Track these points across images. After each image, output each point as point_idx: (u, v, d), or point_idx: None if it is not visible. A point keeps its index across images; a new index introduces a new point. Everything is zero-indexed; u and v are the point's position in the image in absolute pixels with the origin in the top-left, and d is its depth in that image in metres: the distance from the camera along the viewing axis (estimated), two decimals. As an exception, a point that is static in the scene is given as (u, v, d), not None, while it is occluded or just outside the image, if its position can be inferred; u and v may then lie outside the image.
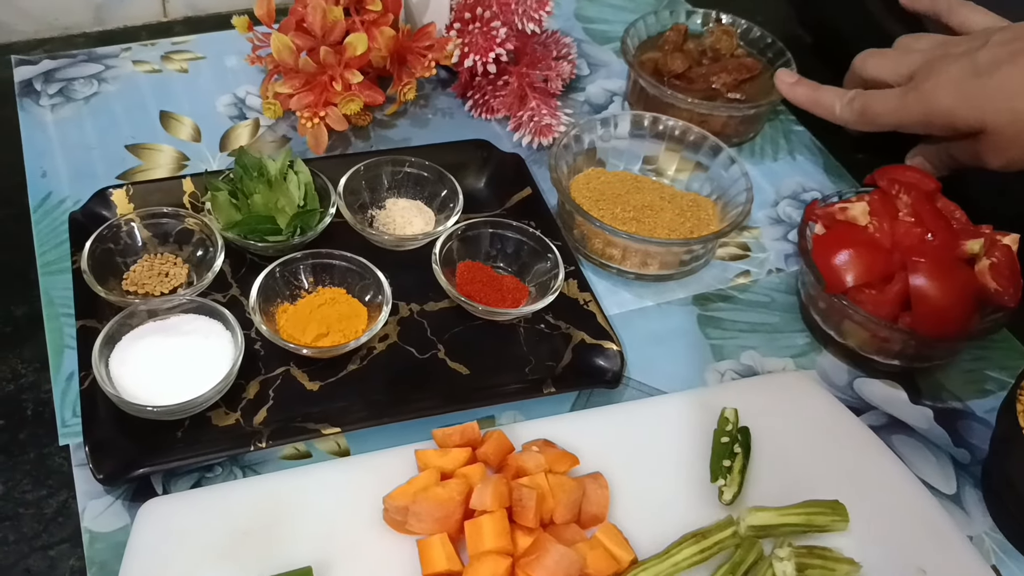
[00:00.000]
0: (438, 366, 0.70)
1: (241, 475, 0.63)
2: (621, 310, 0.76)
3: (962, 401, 0.72)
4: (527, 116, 0.87)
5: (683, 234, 0.77)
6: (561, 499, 0.58)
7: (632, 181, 0.82)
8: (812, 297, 0.74)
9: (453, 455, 0.61)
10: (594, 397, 0.70)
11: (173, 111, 0.88)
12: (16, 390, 0.67)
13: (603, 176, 0.82)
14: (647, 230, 0.76)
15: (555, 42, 0.93)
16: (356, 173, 0.77)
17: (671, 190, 0.82)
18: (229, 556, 0.56)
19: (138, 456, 0.61)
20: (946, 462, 0.68)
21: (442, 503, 0.57)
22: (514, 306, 0.72)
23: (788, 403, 0.68)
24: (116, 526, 0.60)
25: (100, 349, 0.63)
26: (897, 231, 0.70)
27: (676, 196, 0.81)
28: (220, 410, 0.65)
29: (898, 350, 0.70)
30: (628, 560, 0.57)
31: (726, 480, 0.62)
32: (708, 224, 0.78)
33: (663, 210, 0.78)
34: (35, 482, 0.62)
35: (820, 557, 0.57)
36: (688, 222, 0.78)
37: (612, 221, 0.76)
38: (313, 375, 0.68)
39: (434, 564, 0.55)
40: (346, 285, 0.71)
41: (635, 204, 0.79)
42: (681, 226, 0.77)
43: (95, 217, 0.74)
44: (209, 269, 0.70)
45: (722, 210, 0.80)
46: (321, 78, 0.81)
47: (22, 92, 0.89)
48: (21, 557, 0.58)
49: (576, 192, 0.80)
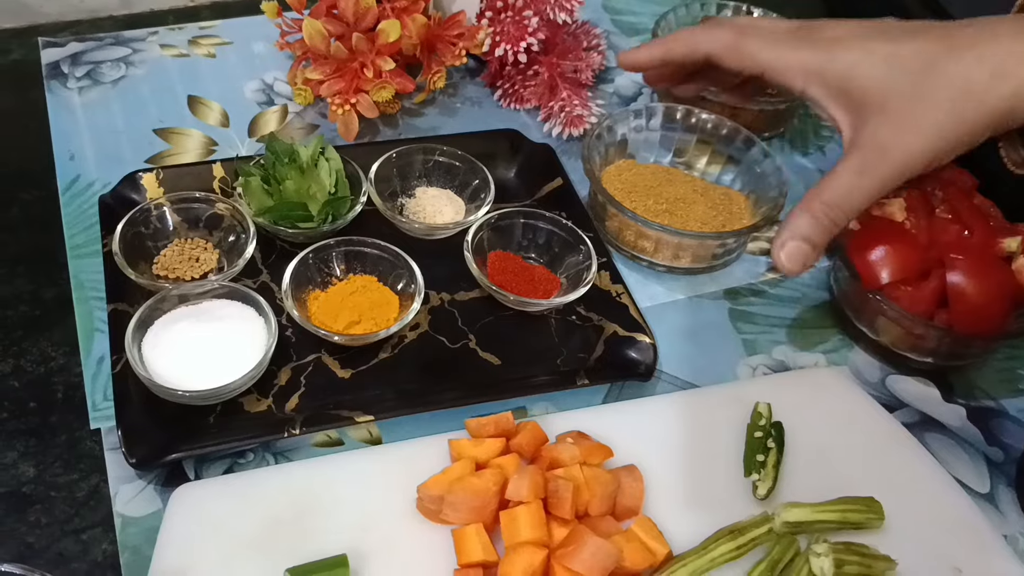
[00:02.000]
0: (469, 356, 0.69)
1: (273, 461, 0.63)
2: (652, 303, 0.75)
3: (995, 400, 0.72)
4: (558, 107, 0.86)
5: (715, 227, 0.77)
6: (596, 491, 0.58)
7: (664, 174, 0.81)
8: (845, 293, 0.74)
9: (487, 445, 0.60)
10: (626, 390, 0.69)
11: (201, 96, 0.88)
12: (46, 373, 0.66)
13: (635, 168, 0.82)
14: (679, 223, 0.76)
15: (585, 33, 0.92)
16: (388, 161, 0.77)
17: (703, 183, 0.82)
18: (263, 544, 0.56)
19: (170, 441, 0.60)
20: (979, 461, 0.68)
21: (478, 493, 0.56)
22: (545, 297, 0.71)
23: (821, 399, 0.68)
24: (148, 511, 0.59)
25: (133, 333, 0.63)
26: (934, 228, 0.70)
27: (708, 189, 0.80)
28: (252, 396, 0.64)
29: (932, 347, 0.70)
30: (663, 554, 0.57)
31: (760, 475, 0.62)
32: (740, 218, 0.78)
33: (695, 203, 0.78)
34: (66, 465, 0.62)
35: (857, 554, 0.57)
36: (720, 215, 0.78)
37: (645, 213, 0.76)
38: (344, 363, 0.67)
39: (470, 554, 0.55)
40: (377, 273, 0.71)
41: (667, 197, 0.78)
42: (713, 219, 0.77)
43: (125, 201, 0.74)
44: (240, 255, 0.70)
45: (754, 204, 0.79)
46: (352, 65, 0.81)
47: (49, 74, 0.88)
48: (53, 540, 0.58)
49: (608, 183, 0.79)
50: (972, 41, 0.60)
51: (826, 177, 0.65)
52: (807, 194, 0.65)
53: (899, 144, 0.62)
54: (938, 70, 0.61)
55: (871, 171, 0.63)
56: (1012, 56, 0.59)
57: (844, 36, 0.65)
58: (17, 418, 0.64)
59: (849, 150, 0.64)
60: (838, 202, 0.64)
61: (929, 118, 0.61)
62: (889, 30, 0.64)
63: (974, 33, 0.61)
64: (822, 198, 0.64)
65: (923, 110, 0.61)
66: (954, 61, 0.60)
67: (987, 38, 0.60)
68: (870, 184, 0.63)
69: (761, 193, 0.78)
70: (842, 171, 0.64)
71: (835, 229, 0.64)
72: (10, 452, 0.62)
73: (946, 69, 0.60)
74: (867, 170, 0.63)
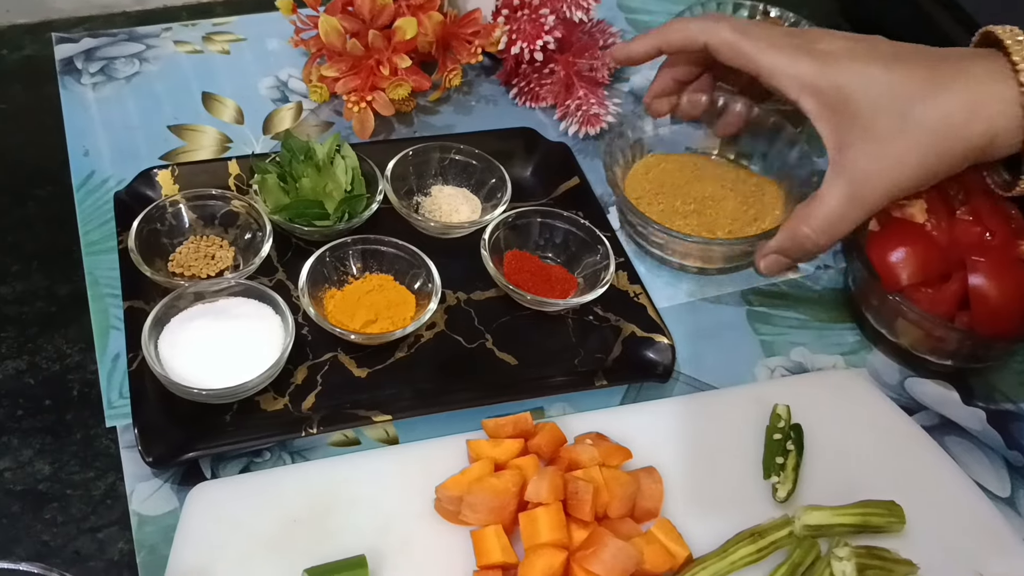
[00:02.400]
0: (486, 356, 0.69)
1: (290, 460, 0.62)
2: (670, 304, 0.75)
3: (1015, 403, 0.71)
4: (574, 105, 0.86)
5: (747, 221, 0.76)
6: (616, 493, 0.57)
7: (692, 168, 0.80)
8: (864, 294, 0.73)
9: (506, 446, 0.60)
10: (644, 391, 0.69)
11: (215, 92, 0.87)
12: (62, 370, 0.66)
13: (662, 163, 0.81)
14: (709, 222, 0.76)
15: (601, 31, 0.92)
16: (404, 158, 0.76)
17: (733, 173, 0.81)
18: (280, 543, 0.56)
19: (187, 439, 0.60)
20: (1000, 464, 0.68)
21: (497, 494, 0.56)
22: (562, 297, 0.71)
23: (840, 401, 0.67)
24: (165, 509, 0.59)
25: (149, 330, 0.62)
26: (955, 230, 0.69)
27: (738, 181, 0.80)
28: (268, 395, 0.64)
29: (953, 350, 0.69)
30: (683, 556, 0.56)
31: (779, 477, 0.62)
32: (773, 209, 0.77)
33: (725, 199, 0.78)
34: (82, 464, 0.61)
35: (879, 558, 0.57)
36: (752, 208, 0.77)
37: (673, 216, 0.76)
38: (361, 362, 0.67)
39: (489, 555, 0.55)
40: (394, 272, 0.70)
41: (696, 195, 0.78)
42: (744, 214, 0.77)
43: (140, 197, 0.73)
44: (256, 253, 0.69)
45: (787, 193, 0.78)
46: (367, 62, 0.81)
47: (63, 70, 0.88)
48: (70, 539, 0.58)
49: (634, 183, 0.78)
50: (952, 78, 0.62)
51: (814, 203, 0.67)
52: (795, 214, 0.68)
53: (883, 175, 0.64)
54: (924, 103, 0.62)
55: (857, 201, 0.65)
56: (986, 96, 0.61)
57: (839, 53, 0.66)
58: (33, 416, 0.63)
59: (834, 174, 0.66)
60: (824, 229, 0.66)
61: (912, 152, 0.63)
62: (881, 54, 0.65)
63: (953, 71, 0.63)
64: (810, 224, 0.67)
65: (906, 143, 0.63)
66: (938, 96, 0.62)
67: (964, 77, 0.62)
68: (856, 214, 0.66)
69: (793, 180, 0.78)
70: (829, 199, 0.66)
71: (816, 251, 0.68)
72: (26, 450, 0.62)
73: (931, 103, 0.62)
74: (854, 200, 0.65)
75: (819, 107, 0.66)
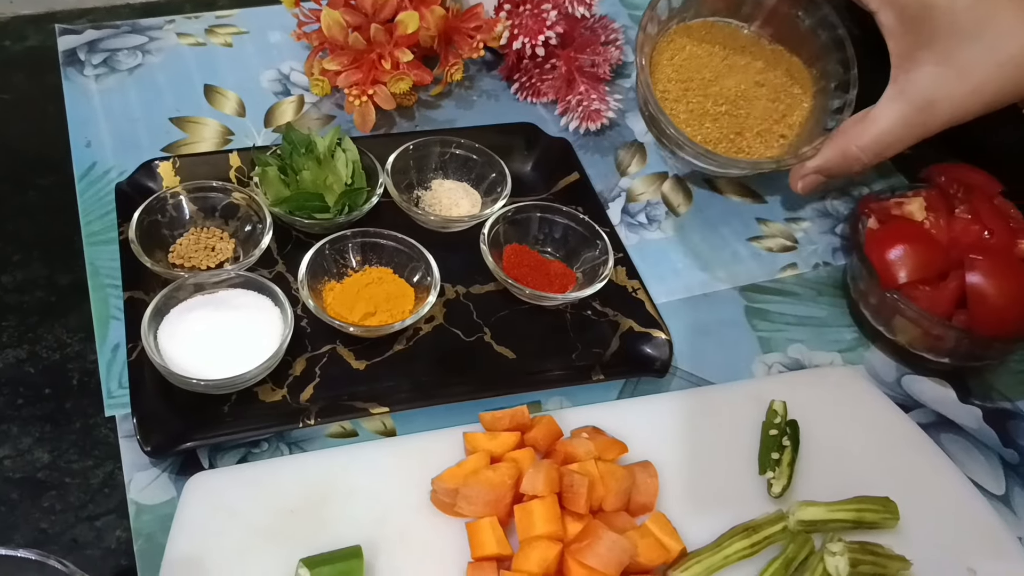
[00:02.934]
0: (484, 349, 0.69)
1: (287, 451, 0.63)
2: (669, 299, 0.75)
3: (1012, 401, 0.71)
4: (575, 101, 0.86)
5: (776, 119, 0.76)
6: (611, 486, 0.58)
7: (721, 57, 0.79)
8: (862, 292, 0.73)
9: (502, 439, 0.60)
10: (641, 385, 0.69)
11: (217, 85, 0.88)
12: (62, 359, 0.66)
13: (687, 45, 0.78)
14: (739, 124, 0.75)
15: (603, 27, 0.92)
16: (404, 153, 0.77)
17: (761, 60, 0.79)
18: (277, 533, 0.56)
19: (185, 429, 0.60)
20: (995, 462, 0.68)
21: (493, 486, 0.56)
22: (561, 291, 0.71)
23: (837, 398, 0.68)
24: (162, 499, 0.59)
25: (149, 320, 0.63)
26: (954, 228, 0.69)
27: (767, 70, 0.78)
28: (267, 386, 0.64)
29: (950, 348, 0.69)
30: (678, 550, 0.57)
31: (775, 473, 0.62)
32: (801, 101, 0.77)
33: (757, 98, 0.77)
34: (81, 452, 0.62)
35: (872, 553, 0.57)
36: (781, 104, 0.77)
37: (703, 118, 0.75)
38: (359, 354, 0.67)
39: (484, 547, 0.55)
40: (393, 265, 0.71)
41: (726, 95, 0.76)
42: (775, 111, 0.76)
43: (141, 189, 0.74)
44: (256, 245, 0.70)
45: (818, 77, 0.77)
46: (369, 56, 0.81)
47: (66, 61, 0.88)
48: (68, 527, 0.58)
49: (660, 74, 0.77)
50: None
51: (869, 120, 0.65)
52: (843, 131, 0.66)
53: (953, 102, 0.62)
54: (1014, 35, 0.60)
55: (916, 126, 0.63)
56: None
57: None
58: (32, 404, 0.64)
59: (895, 94, 0.64)
60: (877, 149, 0.65)
61: (991, 83, 0.61)
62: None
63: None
64: (861, 143, 0.65)
65: (987, 74, 0.61)
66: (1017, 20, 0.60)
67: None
68: (911, 138, 0.64)
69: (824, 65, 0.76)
70: (883, 120, 0.64)
71: (863, 170, 0.67)
72: (25, 438, 0.62)
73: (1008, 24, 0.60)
74: (912, 124, 0.63)
75: (896, 22, 0.64)
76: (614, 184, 0.84)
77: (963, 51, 0.61)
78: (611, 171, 0.85)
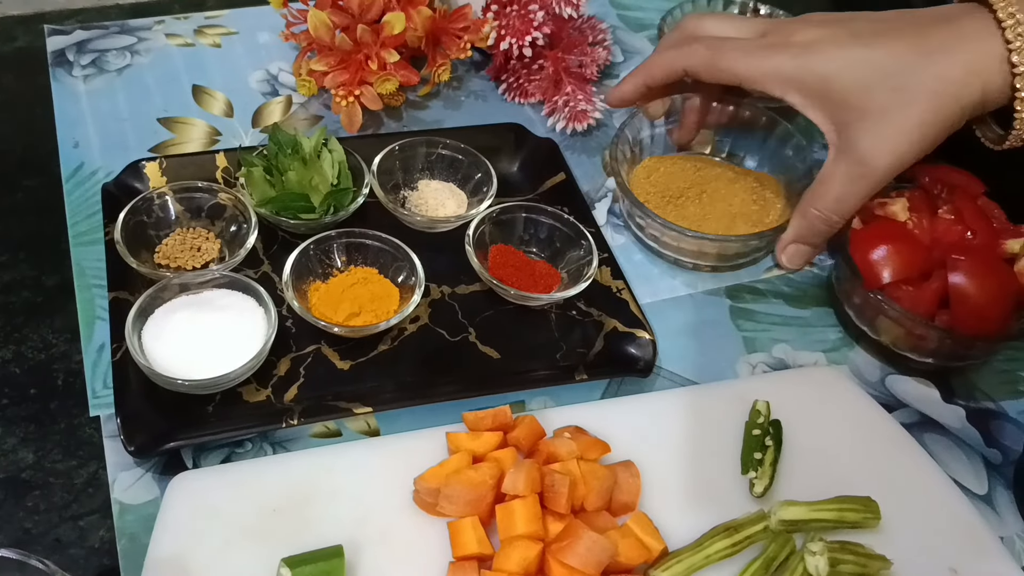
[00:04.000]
0: (469, 349, 0.69)
1: (271, 451, 0.63)
2: (653, 299, 0.75)
3: (995, 401, 0.72)
4: (562, 101, 0.86)
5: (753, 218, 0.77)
6: (593, 486, 0.58)
7: (692, 170, 0.80)
8: (846, 292, 0.74)
9: (485, 439, 0.60)
10: (625, 385, 0.69)
11: (206, 85, 0.88)
12: (47, 360, 0.66)
13: (660, 166, 0.80)
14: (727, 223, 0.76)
15: (591, 27, 0.92)
16: (391, 153, 0.77)
17: (731, 172, 0.81)
18: (259, 533, 0.56)
19: (169, 429, 0.60)
20: (978, 462, 0.68)
21: (474, 486, 0.56)
22: (546, 291, 0.71)
23: (820, 398, 0.68)
24: (146, 498, 0.60)
25: (133, 321, 0.63)
26: (937, 228, 0.70)
27: (738, 178, 0.80)
28: (251, 386, 0.64)
29: (933, 348, 0.70)
30: (659, 550, 0.57)
31: (757, 473, 0.62)
32: (775, 203, 0.78)
33: (734, 195, 0.78)
34: (65, 452, 0.62)
35: (852, 553, 0.57)
36: (756, 204, 0.78)
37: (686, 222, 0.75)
38: (344, 354, 0.67)
39: (465, 547, 0.55)
40: (378, 265, 0.71)
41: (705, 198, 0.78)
42: (753, 211, 0.77)
43: (128, 189, 0.74)
44: (241, 245, 0.70)
45: (787, 186, 0.79)
46: (356, 56, 0.81)
47: (55, 62, 0.88)
48: (51, 527, 0.58)
49: (638, 188, 0.79)
50: (942, 44, 0.64)
51: (818, 184, 0.69)
52: (803, 198, 0.70)
53: (885, 148, 0.66)
54: (916, 73, 0.64)
55: (860, 178, 0.67)
56: (981, 55, 0.63)
57: (816, 41, 0.67)
58: (17, 404, 0.64)
59: (837, 155, 0.68)
60: (832, 208, 0.69)
61: (912, 119, 0.65)
62: (860, 31, 0.67)
63: (943, 35, 0.64)
64: (816, 205, 0.69)
65: (905, 113, 0.65)
66: (932, 62, 0.64)
67: (955, 38, 0.64)
68: (860, 190, 0.68)
69: (792, 174, 0.78)
70: (833, 178, 0.68)
71: (832, 230, 0.70)
72: (10, 438, 0.62)
73: (926, 71, 0.64)
74: (857, 177, 0.67)
75: (806, 98, 0.68)
76: (600, 184, 0.84)
77: (877, 101, 0.65)
78: (598, 172, 0.85)
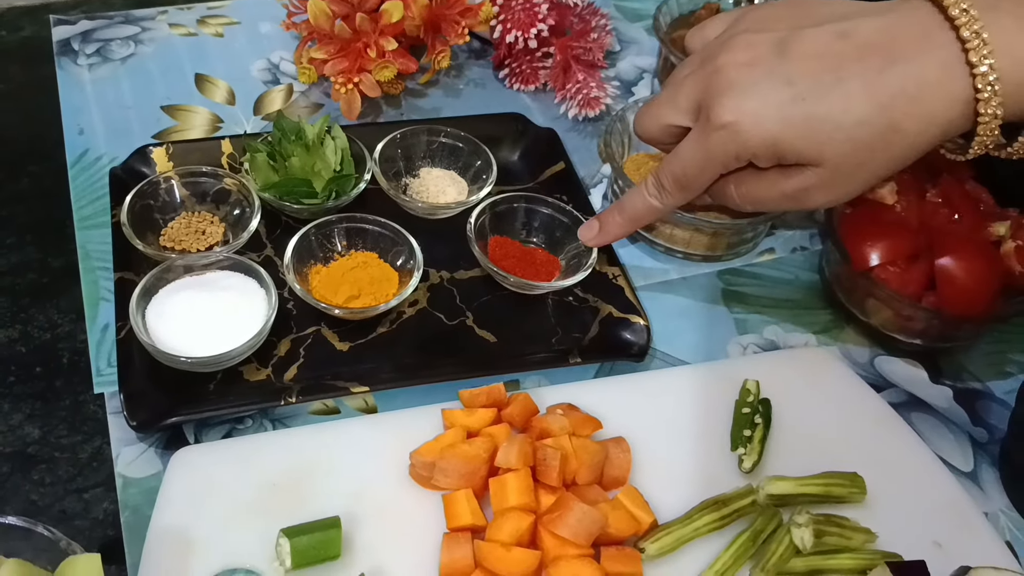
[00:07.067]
0: (466, 333, 0.71)
1: (271, 428, 0.64)
2: (647, 282, 0.76)
3: (982, 382, 0.73)
4: (574, 89, 0.87)
5: None
6: (584, 460, 0.59)
7: None
8: (836, 275, 0.75)
9: (479, 415, 0.62)
10: (618, 366, 0.71)
11: (208, 74, 0.89)
12: (52, 339, 0.68)
13: (650, 162, 0.81)
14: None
15: (591, 13, 0.93)
16: (392, 140, 0.78)
17: None
18: (259, 506, 0.58)
19: (171, 406, 0.62)
20: (964, 440, 0.69)
21: (468, 459, 0.58)
22: (547, 279, 0.72)
23: (809, 377, 0.69)
24: (148, 472, 0.61)
25: (137, 300, 0.64)
26: (924, 211, 0.71)
27: None
28: (252, 365, 0.66)
29: (921, 329, 0.71)
30: (648, 522, 0.58)
31: (746, 449, 0.63)
32: None
33: None
34: (70, 428, 0.63)
35: (837, 525, 0.58)
36: None
37: None
38: (343, 336, 0.69)
39: (459, 518, 0.57)
40: (378, 250, 0.72)
41: None
42: None
43: (135, 173, 0.75)
44: (245, 229, 0.71)
45: None
46: (356, 45, 0.82)
47: (60, 51, 0.90)
48: (56, 499, 0.60)
49: (632, 174, 0.79)
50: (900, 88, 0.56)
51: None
52: None
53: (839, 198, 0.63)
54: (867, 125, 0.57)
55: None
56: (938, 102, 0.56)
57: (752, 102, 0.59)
58: (24, 382, 0.66)
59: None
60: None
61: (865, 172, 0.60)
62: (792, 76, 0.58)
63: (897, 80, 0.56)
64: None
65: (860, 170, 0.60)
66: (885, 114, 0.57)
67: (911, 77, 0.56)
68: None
69: None
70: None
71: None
72: (16, 414, 0.64)
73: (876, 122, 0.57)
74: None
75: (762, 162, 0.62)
76: (596, 171, 0.85)
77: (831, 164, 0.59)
78: (594, 158, 0.86)
